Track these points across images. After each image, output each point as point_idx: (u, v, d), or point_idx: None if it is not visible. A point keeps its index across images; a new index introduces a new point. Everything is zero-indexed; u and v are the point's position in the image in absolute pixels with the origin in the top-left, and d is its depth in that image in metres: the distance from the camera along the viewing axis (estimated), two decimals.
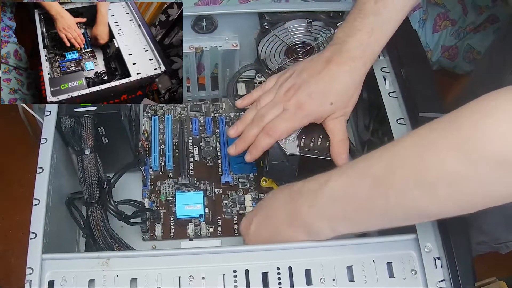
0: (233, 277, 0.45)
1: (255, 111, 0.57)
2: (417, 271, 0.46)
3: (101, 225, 0.54)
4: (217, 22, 0.65)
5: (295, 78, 0.55)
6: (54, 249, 0.48)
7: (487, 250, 0.85)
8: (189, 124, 0.72)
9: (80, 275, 0.45)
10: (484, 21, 1.21)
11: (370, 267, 0.46)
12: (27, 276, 0.44)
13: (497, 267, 0.95)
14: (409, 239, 0.47)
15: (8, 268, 1.08)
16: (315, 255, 0.46)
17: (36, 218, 0.47)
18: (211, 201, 0.65)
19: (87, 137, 0.54)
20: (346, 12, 0.63)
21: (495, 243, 0.88)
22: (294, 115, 0.54)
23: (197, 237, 0.63)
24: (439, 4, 1.21)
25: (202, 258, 0.46)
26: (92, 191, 0.54)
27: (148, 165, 0.67)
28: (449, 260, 0.45)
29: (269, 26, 0.63)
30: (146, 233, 0.62)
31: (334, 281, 0.45)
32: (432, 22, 1.20)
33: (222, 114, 0.73)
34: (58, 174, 0.53)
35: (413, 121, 0.52)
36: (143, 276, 0.45)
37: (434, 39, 1.21)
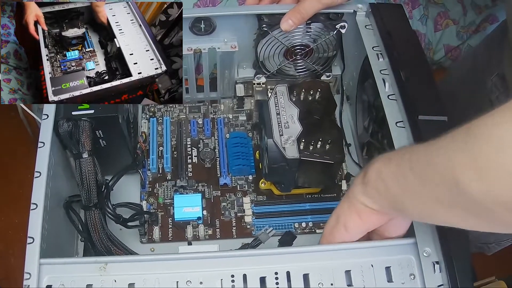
0: (231, 281, 0.45)
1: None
2: (415, 276, 0.45)
3: (99, 228, 0.54)
4: (216, 24, 0.64)
5: None
6: (52, 253, 0.48)
7: (472, 250, 0.85)
8: (187, 126, 0.71)
9: (77, 280, 0.45)
10: (482, 21, 1.21)
11: (368, 272, 0.46)
12: (25, 281, 0.44)
13: (497, 267, 0.95)
14: (408, 243, 0.46)
15: (8, 268, 1.08)
16: (313, 260, 0.46)
17: (34, 223, 0.47)
18: (210, 203, 0.65)
19: (84, 141, 0.54)
20: (345, 13, 0.63)
21: (478, 243, 0.88)
22: None
23: (196, 240, 0.63)
24: (439, 4, 1.21)
25: (200, 263, 0.46)
26: (90, 194, 0.54)
27: (146, 167, 0.67)
28: (448, 265, 0.45)
29: (267, 28, 0.63)
30: (144, 235, 0.62)
31: (332, 285, 0.45)
32: (433, 21, 1.20)
33: (220, 116, 0.73)
34: (56, 177, 0.53)
35: (412, 124, 0.52)
36: (141, 281, 0.45)
37: (436, 37, 1.21)
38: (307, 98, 0.63)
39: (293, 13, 0.60)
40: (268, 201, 0.65)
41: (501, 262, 0.96)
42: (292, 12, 0.60)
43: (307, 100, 0.63)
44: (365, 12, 0.63)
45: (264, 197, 0.65)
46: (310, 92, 0.63)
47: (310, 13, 0.60)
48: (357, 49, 0.65)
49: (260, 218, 0.64)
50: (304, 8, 0.60)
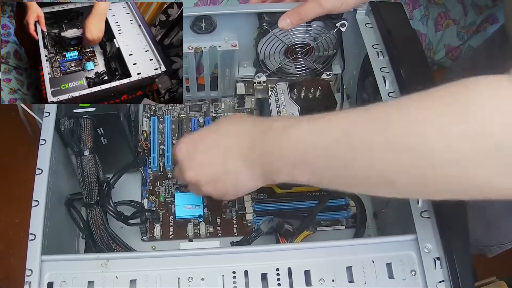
0: (232, 278, 0.45)
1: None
2: (416, 272, 0.46)
3: (101, 226, 0.54)
4: (216, 22, 0.64)
5: None
6: (54, 250, 0.48)
7: (473, 252, 0.85)
8: (188, 124, 0.72)
9: (79, 276, 0.45)
10: (483, 21, 1.21)
11: (369, 268, 0.46)
12: (27, 277, 0.44)
13: (497, 267, 0.95)
14: (409, 240, 0.47)
15: (8, 268, 1.08)
16: (314, 256, 0.46)
17: (35, 220, 0.47)
18: (211, 202, 0.65)
19: (86, 138, 0.54)
20: (345, 12, 0.63)
21: (479, 245, 0.88)
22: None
23: (197, 238, 0.63)
24: (439, 4, 1.21)
25: (201, 259, 0.46)
26: (91, 192, 0.54)
27: (148, 166, 0.67)
28: (448, 261, 0.45)
29: (268, 26, 0.63)
30: (146, 233, 0.62)
31: (334, 281, 0.45)
32: (433, 21, 1.20)
33: (221, 114, 0.73)
34: (58, 175, 0.53)
35: None
36: (142, 277, 0.45)
37: (437, 37, 1.21)
38: (307, 96, 0.63)
39: (292, 13, 0.60)
40: (269, 199, 0.65)
41: (502, 262, 0.96)
42: (292, 12, 0.60)
43: (308, 98, 0.63)
44: (365, 10, 0.63)
45: (265, 195, 0.65)
46: (311, 90, 0.63)
47: (309, 16, 0.60)
48: (357, 48, 0.65)
49: (261, 216, 0.64)
50: (304, 10, 0.60)
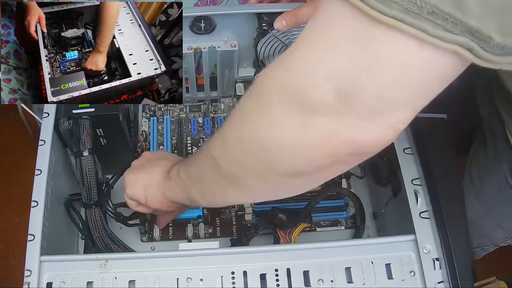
0: (231, 278, 0.45)
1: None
2: (415, 272, 0.46)
3: (100, 226, 0.54)
4: (216, 23, 0.64)
5: None
6: (53, 250, 0.48)
7: None
8: (187, 125, 0.72)
9: (78, 277, 0.45)
10: None
11: (368, 268, 0.46)
12: (26, 278, 0.44)
13: (497, 267, 0.95)
14: (408, 240, 0.47)
15: (8, 269, 1.08)
16: (313, 257, 0.46)
17: (34, 220, 0.47)
18: None
19: (85, 139, 0.54)
20: None
21: None
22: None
23: (196, 238, 0.63)
24: None
25: (200, 260, 0.46)
26: (90, 192, 0.54)
27: None
28: (448, 261, 0.45)
29: (267, 27, 0.63)
30: (145, 234, 0.62)
31: (333, 282, 0.45)
32: None
33: (221, 115, 0.73)
34: (57, 175, 0.53)
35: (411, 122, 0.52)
36: (141, 278, 0.45)
37: None
38: None
39: (289, 15, 0.60)
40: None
41: (502, 262, 0.96)
42: (288, 13, 0.60)
43: None
44: None
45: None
46: None
47: (305, 19, 0.60)
48: None
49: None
50: (301, 13, 0.60)
